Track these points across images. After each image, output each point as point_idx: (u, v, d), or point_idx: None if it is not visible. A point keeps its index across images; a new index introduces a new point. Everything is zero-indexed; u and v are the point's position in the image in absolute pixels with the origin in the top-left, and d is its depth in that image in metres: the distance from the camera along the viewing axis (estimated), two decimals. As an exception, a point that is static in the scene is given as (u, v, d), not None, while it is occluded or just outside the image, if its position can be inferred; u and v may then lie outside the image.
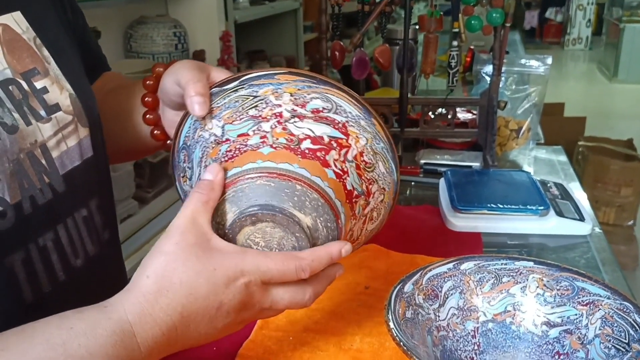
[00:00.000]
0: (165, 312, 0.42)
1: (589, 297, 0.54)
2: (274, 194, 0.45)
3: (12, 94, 0.49)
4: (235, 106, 0.48)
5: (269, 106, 0.47)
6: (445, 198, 0.92)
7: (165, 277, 0.42)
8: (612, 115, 4.74)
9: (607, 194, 2.65)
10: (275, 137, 0.47)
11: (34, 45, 0.52)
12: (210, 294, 0.43)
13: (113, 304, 0.42)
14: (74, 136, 0.54)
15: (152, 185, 1.90)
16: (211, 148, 0.49)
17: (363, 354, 0.59)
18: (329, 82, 0.48)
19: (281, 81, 0.48)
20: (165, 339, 0.42)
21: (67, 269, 0.52)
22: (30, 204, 0.48)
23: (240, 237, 0.46)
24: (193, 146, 0.50)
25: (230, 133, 0.48)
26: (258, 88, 0.48)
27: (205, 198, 0.45)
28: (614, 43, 6.00)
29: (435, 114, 1.11)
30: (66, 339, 0.39)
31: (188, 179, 0.52)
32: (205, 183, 0.46)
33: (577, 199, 0.93)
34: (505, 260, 0.59)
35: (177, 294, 0.42)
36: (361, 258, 0.77)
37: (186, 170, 0.52)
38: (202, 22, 2.34)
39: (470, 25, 1.00)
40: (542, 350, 0.55)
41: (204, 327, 0.44)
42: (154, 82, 0.57)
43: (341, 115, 0.48)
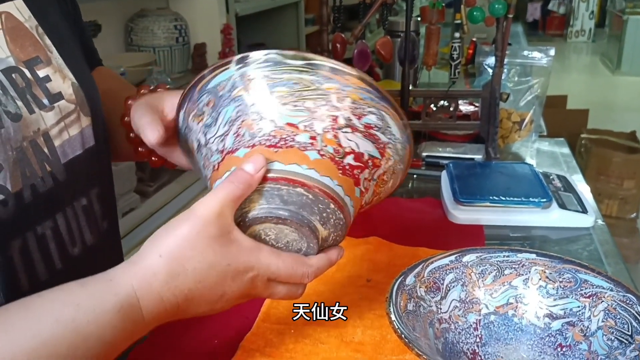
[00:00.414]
0: (172, 293, 0.43)
1: (591, 289, 0.54)
2: (308, 206, 0.45)
3: (16, 82, 0.49)
4: (293, 88, 0.45)
5: (328, 106, 0.45)
6: (447, 191, 0.92)
7: (179, 261, 0.43)
8: (615, 107, 4.72)
9: (610, 187, 2.64)
10: (324, 142, 0.45)
11: (36, 34, 0.52)
12: (217, 284, 0.45)
13: (119, 279, 0.43)
14: (76, 125, 0.54)
15: (153, 179, 1.91)
16: (251, 118, 0.45)
17: (365, 346, 0.59)
18: (389, 100, 0.47)
19: (348, 83, 0.45)
20: (167, 314, 0.44)
21: (64, 257, 0.52)
22: (30, 193, 0.48)
23: (256, 228, 0.47)
24: (226, 100, 0.46)
25: (278, 116, 0.45)
26: (324, 80, 0.45)
27: (239, 193, 0.44)
28: (617, 35, 5.97)
29: (437, 107, 1.10)
30: (75, 316, 0.40)
31: (203, 122, 0.48)
32: (245, 177, 0.44)
33: (580, 191, 0.92)
34: (508, 253, 0.58)
35: (187, 280, 0.44)
36: (363, 251, 0.77)
37: (205, 113, 0.48)
38: (203, 15, 2.33)
39: (473, 17, 0.99)
40: (545, 342, 0.55)
41: (202, 308, 0.46)
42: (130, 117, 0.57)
43: (387, 136, 0.48)
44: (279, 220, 0.45)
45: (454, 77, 1.07)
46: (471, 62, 1.88)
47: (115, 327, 0.41)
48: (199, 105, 0.48)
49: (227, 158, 0.46)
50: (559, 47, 6.24)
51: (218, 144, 0.47)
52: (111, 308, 0.41)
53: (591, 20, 7.56)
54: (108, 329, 0.41)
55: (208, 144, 0.48)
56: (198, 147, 0.50)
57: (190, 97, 0.49)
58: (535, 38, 7.17)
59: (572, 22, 7.62)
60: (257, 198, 0.45)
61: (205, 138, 0.48)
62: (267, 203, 0.45)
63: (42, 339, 0.39)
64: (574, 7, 7.54)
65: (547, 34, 7.84)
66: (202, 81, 0.48)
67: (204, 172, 0.50)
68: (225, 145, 0.47)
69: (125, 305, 0.42)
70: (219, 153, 0.47)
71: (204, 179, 0.52)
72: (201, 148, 0.49)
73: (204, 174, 0.50)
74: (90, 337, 0.40)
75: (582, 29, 7.60)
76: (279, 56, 0.45)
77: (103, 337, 0.41)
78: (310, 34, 3.39)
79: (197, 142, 0.49)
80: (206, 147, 0.48)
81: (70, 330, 0.40)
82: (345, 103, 0.45)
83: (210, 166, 0.48)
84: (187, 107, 0.50)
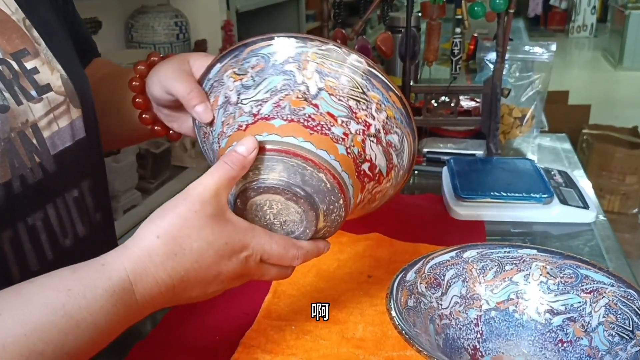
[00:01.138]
0: (168, 274, 0.43)
1: (592, 284, 0.54)
2: (322, 194, 0.47)
3: (3, 74, 0.48)
4: (343, 84, 0.47)
5: (367, 112, 0.48)
6: (448, 186, 0.91)
7: (177, 241, 0.43)
8: (617, 103, 4.71)
9: (612, 182, 2.64)
10: (353, 142, 0.48)
11: (24, 27, 0.52)
12: (213, 264, 0.44)
13: (111, 263, 0.42)
14: (66, 117, 0.53)
15: (154, 176, 1.90)
16: (295, 95, 0.47)
17: (366, 342, 0.59)
18: (414, 128, 0.51)
19: (389, 99, 0.49)
20: (161, 296, 0.44)
21: (55, 248, 0.52)
22: (20, 183, 0.48)
23: (265, 197, 0.47)
24: (276, 70, 0.48)
25: (323, 103, 0.47)
26: (371, 88, 0.48)
27: (233, 174, 0.45)
28: (619, 30, 5.95)
29: (438, 102, 1.10)
30: (65, 302, 0.39)
31: (241, 81, 0.49)
32: (238, 158, 0.45)
33: (582, 187, 0.92)
34: (509, 248, 0.58)
35: (184, 260, 0.43)
36: (364, 247, 0.77)
37: (247, 74, 0.49)
38: (204, 12, 2.33)
39: (473, 12, 0.99)
40: (546, 338, 0.55)
41: (196, 291, 0.46)
42: (140, 83, 0.57)
43: (397, 159, 0.51)
44: (293, 196, 0.46)
45: (455, 73, 1.06)
46: (472, 58, 1.88)
47: (107, 312, 0.41)
48: (243, 65, 0.49)
49: (259, 123, 0.47)
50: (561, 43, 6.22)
51: (252, 107, 0.48)
52: (103, 293, 0.41)
53: (593, 16, 7.54)
54: (100, 314, 0.40)
55: (239, 104, 0.48)
56: (224, 103, 0.50)
57: (237, 55, 0.50)
58: (536, 33, 7.15)
59: (573, 17, 7.60)
60: (280, 169, 0.46)
61: (238, 97, 0.49)
62: (287, 177, 0.46)
63: (33, 324, 0.38)
64: (576, 2, 7.52)
65: (548, 29, 7.82)
66: (255, 45, 0.49)
67: (219, 128, 0.50)
68: (261, 111, 0.47)
69: (117, 290, 0.41)
70: (250, 115, 0.48)
71: (212, 135, 0.51)
72: (228, 105, 0.49)
73: (218, 130, 0.50)
74: (82, 323, 0.40)
75: (584, 24, 7.58)
76: (342, 52, 0.48)
77: (95, 323, 0.40)
78: (311, 30, 3.38)
79: (225, 98, 0.50)
80: (236, 105, 0.49)
81: (61, 316, 0.39)
82: (381, 115, 0.48)
83: (234, 124, 0.49)
84: (228, 63, 0.50)
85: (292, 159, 0.46)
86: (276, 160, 0.46)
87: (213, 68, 0.51)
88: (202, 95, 0.51)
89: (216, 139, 0.51)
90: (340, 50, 0.48)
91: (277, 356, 0.57)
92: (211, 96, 0.51)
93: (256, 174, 0.46)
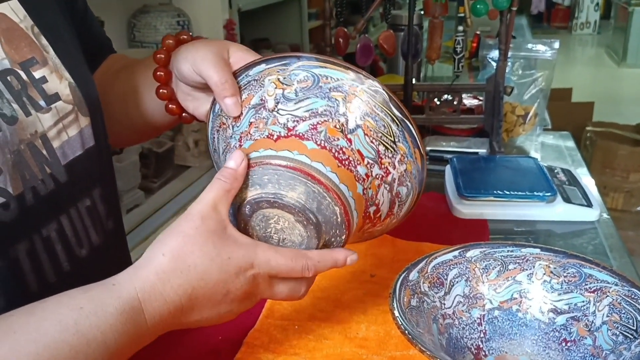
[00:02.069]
0: (175, 292, 0.43)
1: (596, 283, 0.54)
2: (331, 225, 0.48)
3: (11, 85, 0.48)
4: (379, 128, 0.48)
5: (391, 160, 0.49)
6: (451, 185, 0.91)
7: (181, 258, 0.43)
8: (621, 100, 4.69)
9: (616, 180, 2.63)
10: (370, 185, 0.49)
11: (32, 34, 0.52)
12: (220, 281, 0.44)
13: (121, 282, 0.43)
14: (75, 126, 0.53)
15: (157, 175, 1.91)
16: (333, 124, 0.47)
17: (368, 342, 0.59)
18: (423, 184, 0.54)
19: (414, 155, 0.50)
20: (170, 317, 0.44)
21: (71, 259, 0.52)
22: (32, 195, 0.48)
23: (275, 212, 0.47)
24: (323, 93, 0.48)
25: (357, 140, 0.48)
26: (402, 139, 0.49)
27: (228, 187, 0.46)
28: (622, 27, 5.92)
29: (440, 101, 1.10)
30: (77, 319, 0.40)
31: (283, 91, 0.48)
32: (229, 172, 0.46)
33: (585, 185, 0.92)
34: (512, 248, 0.58)
35: (190, 276, 0.43)
36: (367, 246, 0.77)
37: (291, 86, 0.48)
38: (206, 11, 2.33)
39: (476, 10, 0.99)
40: (549, 337, 0.55)
41: (206, 312, 0.45)
42: (165, 56, 0.57)
43: (398, 209, 0.53)
44: (304, 220, 0.47)
45: (457, 71, 1.06)
46: (475, 56, 1.87)
47: (117, 331, 0.41)
48: (290, 76, 0.49)
49: (292, 139, 0.47)
50: (564, 40, 6.20)
51: (289, 121, 0.48)
52: (113, 311, 0.41)
53: (596, 12, 7.51)
54: (110, 333, 0.41)
55: (275, 112, 0.48)
56: (258, 105, 0.49)
57: (287, 63, 0.49)
58: (539, 31, 7.13)
59: (577, 14, 7.57)
60: (301, 191, 0.46)
61: (276, 105, 0.48)
62: (305, 200, 0.46)
63: (45, 342, 0.38)
64: (579, -1, 7.49)
65: (551, 27, 7.80)
66: (309, 61, 0.49)
67: (245, 127, 0.50)
68: (297, 128, 0.47)
69: (127, 309, 0.41)
70: (285, 128, 0.48)
71: (232, 129, 0.51)
72: (262, 109, 0.49)
73: (243, 129, 0.50)
74: (92, 341, 0.40)
75: (587, 21, 7.55)
76: (388, 98, 0.49)
77: (105, 342, 0.40)
78: (313, 28, 3.38)
79: (261, 101, 0.49)
80: (271, 112, 0.48)
81: (73, 334, 0.39)
82: (401, 167, 0.50)
83: (265, 130, 0.48)
84: (274, 67, 0.49)
85: (315, 185, 0.46)
86: (299, 181, 0.46)
87: (257, 66, 0.50)
88: (235, 87, 0.50)
89: (237, 135, 0.50)
90: (386, 95, 0.48)
91: (280, 356, 0.57)
92: (244, 92, 0.50)
93: (276, 187, 0.46)
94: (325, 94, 0.48)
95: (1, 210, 0.46)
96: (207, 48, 0.52)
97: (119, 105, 0.60)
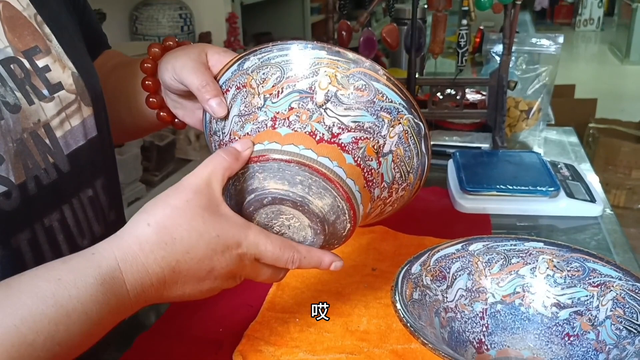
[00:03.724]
0: (158, 264, 0.42)
1: (600, 278, 0.53)
2: (338, 238, 0.48)
3: (14, 73, 0.48)
4: (408, 159, 0.49)
5: (401, 187, 0.51)
6: (453, 179, 0.91)
7: (167, 230, 0.42)
8: (624, 97, 4.67)
9: (618, 177, 2.62)
10: (377, 205, 0.50)
11: (35, 23, 0.51)
12: (205, 257, 0.43)
13: (102, 251, 0.42)
14: (78, 115, 0.53)
15: (159, 168, 1.91)
16: (372, 143, 0.47)
17: (370, 335, 0.59)
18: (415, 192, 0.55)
19: (414, 189, 0.53)
20: (153, 289, 0.43)
21: (73, 249, 0.52)
22: (35, 184, 0.48)
23: (292, 211, 0.47)
24: (372, 108, 0.46)
25: (385, 164, 0.48)
26: (415, 173, 0.51)
27: (226, 165, 0.45)
28: (626, 24, 5.90)
29: (444, 95, 1.09)
30: (55, 291, 0.39)
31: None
32: (232, 151, 0.45)
33: (589, 180, 0.92)
34: (515, 241, 0.58)
35: (175, 250, 0.42)
36: (368, 240, 0.77)
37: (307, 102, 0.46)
38: (208, 4, 2.32)
39: (480, 4, 0.98)
40: (552, 331, 0.54)
41: (189, 287, 0.45)
42: (152, 65, 0.57)
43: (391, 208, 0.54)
44: (320, 229, 0.47)
45: (461, 65, 1.06)
46: (478, 50, 1.87)
47: (98, 302, 0.40)
48: (348, 78, 0.46)
49: (334, 147, 0.46)
50: (567, 36, 6.17)
51: (335, 125, 0.46)
52: (93, 281, 0.40)
53: (600, 9, 7.47)
54: (91, 303, 0.39)
55: (322, 109, 0.46)
56: (303, 92, 0.47)
57: (348, 62, 0.47)
58: (543, 27, 7.11)
59: (580, 11, 7.54)
60: (327, 202, 0.46)
61: (325, 102, 0.46)
62: (327, 212, 0.46)
63: (22, 315, 0.37)
64: (583, -5, 7.46)
65: (555, 23, 7.77)
66: (371, 71, 0.47)
67: (281, 107, 0.47)
68: (341, 137, 0.46)
69: (107, 278, 0.40)
70: (329, 132, 0.46)
71: (254, 96, 0.48)
72: (308, 99, 0.46)
73: (279, 108, 0.47)
74: (72, 313, 0.39)
75: (590, 17, 7.52)
76: (424, 134, 0.50)
77: (86, 312, 0.39)
78: (316, 22, 3.37)
79: (309, 88, 0.47)
80: (318, 108, 0.46)
81: (51, 306, 0.38)
82: (401, 193, 0.52)
83: (307, 125, 0.46)
84: (333, 60, 0.46)
85: (342, 201, 0.46)
86: (330, 193, 0.46)
87: (313, 49, 0.47)
88: (217, 89, 0.49)
89: (271, 113, 0.47)
90: (424, 130, 0.49)
91: (281, 348, 0.57)
92: (280, 69, 0.47)
93: (305, 191, 0.45)
94: (375, 111, 0.47)
95: (3, 199, 0.45)
96: (186, 55, 0.52)
97: (110, 103, 0.60)
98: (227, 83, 0.50)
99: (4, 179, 0.45)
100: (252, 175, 0.46)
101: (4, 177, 0.45)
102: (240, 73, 0.49)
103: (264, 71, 0.47)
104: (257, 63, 0.48)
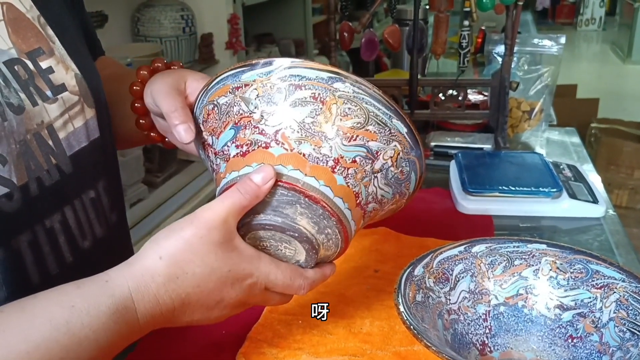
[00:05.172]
0: (169, 296, 0.43)
1: (603, 280, 0.53)
2: (318, 228, 0.47)
3: (18, 74, 0.48)
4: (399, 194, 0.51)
5: (389, 207, 0.52)
6: (456, 180, 0.91)
7: (179, 265, 0.42)
8: (626, 96, 4.67)
9: (620, 177, 2.62)
10: (368, 215, 0.50)
11: (38, 24, 0.52)
12: (216, 289, 0.44)
13: (114, 279, 0.42)
14: (81, 117, 0.53)
15: (161, 169, 1.91)
16: (322, 162, 0.45)
17: (373, 337, 0.59)
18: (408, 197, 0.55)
19: (396, 203, 0.54)
20: (162, 317, 0.44)
21: (74, 251, 0.52)
22: (37, 186, 0.48)
23: (261, 234, 0.46)
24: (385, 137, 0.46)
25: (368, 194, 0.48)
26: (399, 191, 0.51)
27: (246, 203, 0.44)
28: (628, 23, 5.89)
29: (445, 96, 1.09)
30: (69, 318, 0.39)
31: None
32: (253, 188, 0.44)
33: (591, 181, 0.91)
34: (518, 243, 0.58)
35: (186, 283, 0.43)
36: (371, 241, 0.77)
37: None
38: (210, 5, 2.32)
39: (482, 5, 0.98)
40: (555, 333, 0.54)
41: (197, 315, 0.45)
42: (140, 88, 0.56)
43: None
44: (314, 253, 0.47)
45: (462, 66, 1.05)
46: (480, 51, 1.86)
47: (109, 330, 0.41)
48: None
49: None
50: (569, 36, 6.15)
51: (335, 151, 0.45)
52: (106, 310, 0.40)
53: (602, 9, 7.46)
54: (102, 332, 0.40)
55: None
56: None
57: None
58: (545, 27, 7.10)
59: (582, 11, 7.53)
60: (330, 236, 0.47)
61: None
62: (316, 233, 0.46)
63: (36, 342, 0.38)
64: (584, -6, 7.45)
65: (557, 23, 7.76)
66: None
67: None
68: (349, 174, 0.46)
69: (120, 308, 0.41)
70: (332, 160, 0.45)
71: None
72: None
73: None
74: (84, 340, 0.39)
75: (592, 17, 7.51)
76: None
77: (97, 340, 0.40)
78: (317, 23, 3.37)
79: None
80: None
81: (64, 333, 0.39)
82: (391, 206, 0.53)
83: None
84: None
85: (331, 220, 0.46)
86: (330, 223, 0.46)
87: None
88: (186, 115, 0.49)
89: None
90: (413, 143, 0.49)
91: (284, 350, 0.57)
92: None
93: (315, 229, 0.46)
94: None
95: (4, 201, 0.45)
96: (162, 80, 0.52)
97: None
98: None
99: (6, 181, 0.45)
100: None
101: (6, 179, 0.45)
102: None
103: None
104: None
